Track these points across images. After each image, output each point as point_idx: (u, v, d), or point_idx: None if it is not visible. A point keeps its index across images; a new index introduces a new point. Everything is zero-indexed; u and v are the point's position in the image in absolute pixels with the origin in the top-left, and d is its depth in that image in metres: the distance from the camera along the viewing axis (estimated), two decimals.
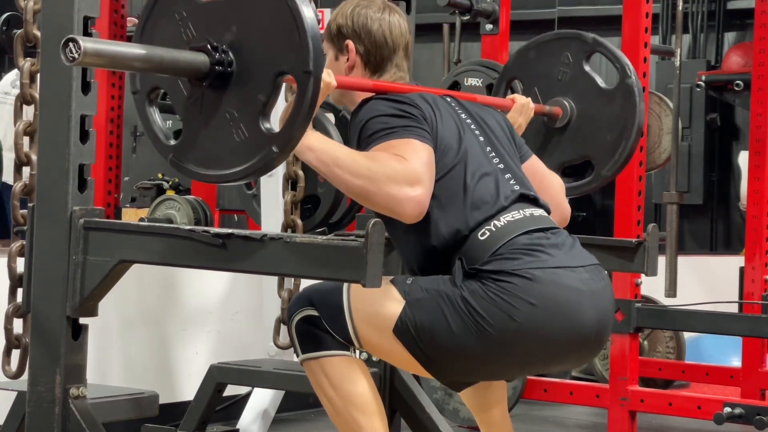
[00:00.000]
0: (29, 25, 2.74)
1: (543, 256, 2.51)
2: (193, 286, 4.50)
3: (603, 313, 2.58)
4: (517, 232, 2.54)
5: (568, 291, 2.50)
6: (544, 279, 2.48)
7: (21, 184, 2.73)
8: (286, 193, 3.73)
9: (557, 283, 2.49)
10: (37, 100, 2.64)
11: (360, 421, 2.55)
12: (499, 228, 2.54)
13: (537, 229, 2.57)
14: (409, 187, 2.44)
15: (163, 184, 7.50)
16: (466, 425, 4.52)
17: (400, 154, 2.47)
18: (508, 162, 2.70)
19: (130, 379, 4.20)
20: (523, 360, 2.54)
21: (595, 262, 2.63)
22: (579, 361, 2.70)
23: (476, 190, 2.59)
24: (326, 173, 2.47)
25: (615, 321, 4.28)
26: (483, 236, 2.53)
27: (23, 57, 2.75)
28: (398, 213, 2.45)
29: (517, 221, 2.57)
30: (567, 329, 2.50)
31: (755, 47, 5.09)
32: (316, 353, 2.57)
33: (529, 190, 2.67)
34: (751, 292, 4.95)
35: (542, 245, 2.54)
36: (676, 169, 5.82)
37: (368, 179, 2.43)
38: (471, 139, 2.67)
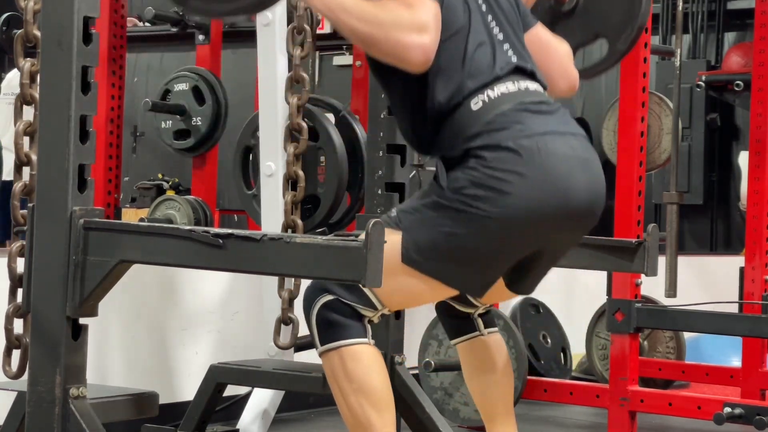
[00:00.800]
0: (29, 25, 2.74)
1: (530, 122, 2.52)
2: (193, 286, 4.50)
3: (594, 180, 2.59)
4: (510, 103, 2.55)
5: (556, 158, 2.51)
6: (532, 148, 2.48)
7: (21, 184, 2.73)
8: (286, 193, 3.73)
9: (546, 150, 2.50)
10: (37, 100, 2.64)
11: (371, 417, 2.55)
12: (492, 99, 2.55)
13: (530, 101, 2.58)
14: (417, 34, 2.43)
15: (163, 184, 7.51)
16: (466, 425, 4.52)
17: (408, 2, 2.46)
18: (509, 33, 2.69)
19: (130, 379, 4.20)
20: (523, 234, 2.53)
21: (582, 132, 2.63)
22: (575, 230, 2.66)
23: (474, 58, 2.59)
24: (333, 19, 2.46)
25: (613, 321, 4.29)
26: (476, 106, 2.55)
27: (23, 57, 2.75)
28: (405, 59, 2.45)
29: (511, 94, 2.58)
30: (560, 195, 2.51)
31: (755, 47, 5.09)
32: (336, 342, 2.56)
33: (527, 63, 2.67)
34: (751, 292, 4.95)
35: (531, 111, 2.55)
36: (676, 169, 5.82)
37: (376, 25, 2.42)
38: (474, 7, 2.66)
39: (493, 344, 2.99)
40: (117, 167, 5.32)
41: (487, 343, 2.99)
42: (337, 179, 3.96)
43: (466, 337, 3.00)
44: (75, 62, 2.42)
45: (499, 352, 2.99)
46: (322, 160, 3.99)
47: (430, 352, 4.62)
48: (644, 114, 4.30)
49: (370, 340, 2.59)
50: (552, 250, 2.69)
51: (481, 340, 2.99)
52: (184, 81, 5.68)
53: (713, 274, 7.06)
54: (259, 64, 3.91)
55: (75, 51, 2.42)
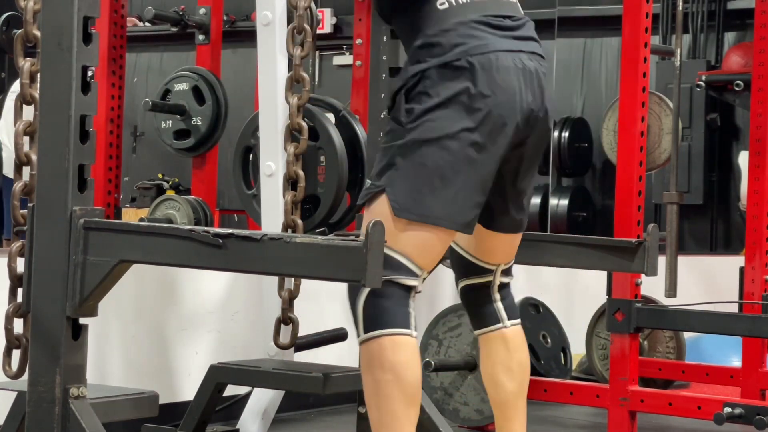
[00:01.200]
0: (29, 25, 2.74)
1: (487, 38, 2.61)
2: (193, 286, 4.50)
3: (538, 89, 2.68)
4: (475, 14, 2.63)
5: (504, 71, 2.61)
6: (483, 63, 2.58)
7: (21, 184, 2.74)
8: (286, 193, 3.73)
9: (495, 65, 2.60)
10: (37, 100, 2.64)
11: (398, 409, 2.56)
12: (459, 4, 2.64)
13: (495, 14, 2.66)
14: None
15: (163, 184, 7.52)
16: (466, 425, 4.52)
17: None
18: None
19: (130, 379, 4.20)
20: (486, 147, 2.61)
21: (538, 51, 2.73)
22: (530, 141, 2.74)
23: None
24: None
25: (613, 321, 4.29)
26: (442, 6, 2.63)
27: (23, 57, 2.75)
28: None
29: (480, 3, 2.66)
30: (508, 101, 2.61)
31: (755, 47, 5.09)
32: (381, 330, 2.57)
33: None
34: (751, 292, 4.95)
35: (491, 26, 2.64)
36: (676, 169, 5.82)
37: None
38: None
39: (513, 339, 3.01)
40: (117, 167, 5.32)
41: (507, 338, 3.00)
42: (337, 179, 3.96)
43: (488, 329, 3.00)
44: (75, 62, 2.42)
45: (519, 348, 3.01)
46: (322, 160, 3.99)
47: (430, 352, 4.62)
48: (644, 114, 4.30)
49: (414, 331, 2.61)
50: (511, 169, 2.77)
51: (502, 333, 3.00)
52: (184, 81, 5.68)
53: (713, 274, 7.05)
54: (259, 64, 3.90)
55: (75, 51, 2.42)
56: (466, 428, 4.53)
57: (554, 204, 10.38)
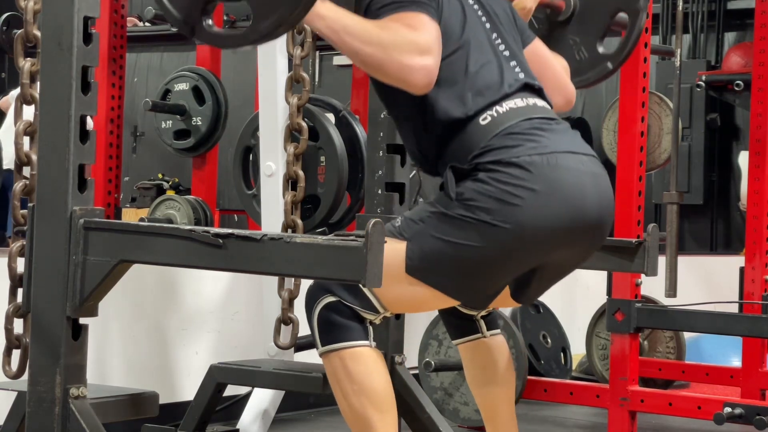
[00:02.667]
0: (29, 26, 2.74)
1: (542, 140, 2.52)
2: (193, 286, 4.50)
3: (604, 194, 2.59)
4: (519, 118, 2.55)
5: (568, 173, 2.51)
6: (543, 164, 2.48)
7: (21, 184, 2.74)
8: (286, 193, 3.72)
9: (557, 165, 2.50)
10: (37, 100, 2.64)
11: (373, 418, 2.54)
12: (501, 114, 2.55)
13: (538, 117, 2.58)
14: (419, 56, 2.43)
15: (163, 184, 7.52)
16: (466, 425, 4.52)
17: (410, 24, 2.46)
18: (514, 50, 2.70)
19: (130, 379, 4.20)
20: (531, 248, 2.52)
21: (593, 153, 2.63)
22: (584, 246, 2.65)
23: (479, 75, 2.59)
24: (336, 42, 2.45)
25: (613, 321, 4.29)
26: (484, 121, 2.55)
27: (23, 57, 2.75)
28: (408, 82, 2.44)
29: (520, 109, 2.58)
30: (570, 209, 2.50)
31: (755, 47, 5.09)
32: (336, 344, 2.56)
33: (534, 80, 2.68)
34: (751, 292, 4.95)
35: (543, 129, 2.55)
36: (676, 169, 5.82)
37: (379, 47, 2.42)
38: (476, 24, 2.67)
39: (495, 347, 2.98)
40: (117, 167, 5.32)
41: (489, 346, 2.98)
42: (337, 179, 3.96)
43: (467, 339, 2.99)
44: (75, 62, 2.42)
45: (501, 354, 2.98)
46: (322, 160, 3.99)
47: (430, 352, 4.62)
48: (644, 114, 4.30)
49: (372, 342, 2.58)
50: (558, 264, 2.69)
51: (483, 342, 2.98)
52: (184, 81, 5.69)
53: (713, 274, 7.06)
54: (259, 64, 3.91)
55: (75, 51, 2.42)
56: (466, 428, 4.53)
57: None
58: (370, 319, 2.59)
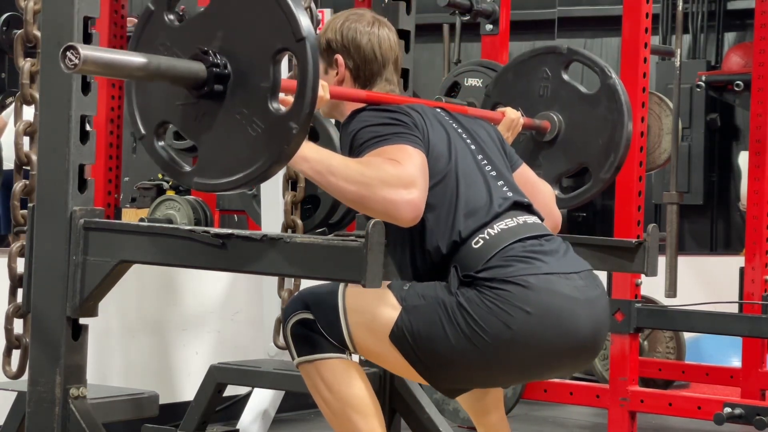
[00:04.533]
0: (29, 26, 2.74)
1: (537, 263, 2.51)
2: (193, 286, 4.50)
3: (598, 321, 2.58)
4: (511, 240, 2.54)
5: (562, 299, 2.50)
6: (539, 286, 2.47)
7: (21, 184, 2.74)
8: (286, 194, 3.72)
9: (552, 290, 2.49)
10: (37, 100, 2.64)
11: (358, 423, 2.55)
12: (493, 236, 2.54)
13: (531, 236, 2.57)
14: (405, 190, 2.43)
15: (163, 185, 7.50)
16: (466, 425, 4.52)
17: (393, 158, 2.46)
18: (501, 170, 2.71)
19: (130, 379, 4.20)
20: (519, 368, 2.54)
21: (588, 268, 2.63)
22: (574, 367, 2.68)
23: (469, 197, 2.59)
24: (321, 182, 2.45)
25: (613, 321, 4.29)
26: (477, 245, 2.53)
27: (23, 57, 2.76)
28: (394, 216, 2.43)
29: (511, 229, 2.57)
30: (562, 337, 2.50)
31: (755, 47, 5.09)
32: (311, 356, 2.56)
33: (523, 197, 2.68)
34: (751, 292, 4.95)
35: (536, 252, 2.54)
36: (676, 169, 5.82)
37: (363, 185, 2.41)
38: (462, 147, 2.67)
39: None
40: (117, 167, 5.32)
41: None
42: None
43: None
44: None
45: None
46: None
47: None
48: (644, 114, 4.30)
49: (347, 356, 2.58)
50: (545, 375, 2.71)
51: None
52: None
53: (713, 274, 7.06)
54: None
55: None
56: (466, 428, 4.53)
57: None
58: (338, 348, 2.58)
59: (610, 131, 3.36)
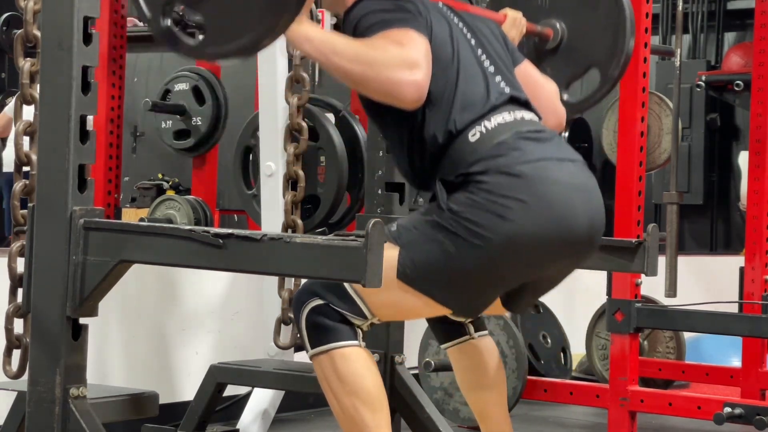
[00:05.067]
0: (29, 26, 2.74)
1: (529, 148, 2.53)
2: (193, 286, 4.50)
3: (594, 206, 2.59)
4: (507, 133, 2.56)
5: (556, 185, 2.51)
6: (532, 174, 2.49)
7: (21, 184, 2.74)
8: (286, 193, 3.73)
9: (545, 177, 2.50)
10: (37, 100, 2.64)
11: (365, 417, 2.54)
12: (490, 130, 2.56)
13: (527, 130, 2.59)
14: (409, 71, 2.43)
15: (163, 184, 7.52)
16: (466, 425, 4.52)
17: (398, 40, 2.46)
18: (500, 66, 2.71)
19: (130, 379, 4.20)
20: (523, 261, 2.53)
21: (581, 159, 2.64)
22: (574, 258, 2.65)
23: (467, 90, 2.59)
24: (324, 62, 2.45)
25: (613, 321, 4.28)
26: (473, 137, 2.55)
27: (23, 57, 2.76)
28: (397, 97, 2.44)
29: (508, 123, 2.58)
30: (559, 222, 2.51)
31: (755, 47, 5.09)
32: (326, 346, 2.55)
33: (520, 93, 2.68)
34: (751, 292, 4.95)
35: (529, 139, 2.56)
36: (676, 169, 5.82)
37: (367, 65, 2.42)
38: (462, 42, 2.68)
39: (484, 348, 2.98)
40: (117, 167, 5.32)
41: (477, 347, 2.98)
42: (337, 179, 3.96)
43: (455, 342, 2.99)
44: (75, 62, 2.42)
45: (490, 355, 2.97)
46: (322, 160, 3.99)
47: (430, 352, 4.62)
48: (644, 114, 4.30)
49: (361, 342, 2.58)
50: (549, 276, 2.70)
51: (471, 344, 2.98)
52: (184, 81, 5.69)
53: (713, 274, 7.05)
54: (259, 64, 3.91)
55: (75, 51, 2.42)
56: (466, 428, 4.53)
57: None
58: (358, 324, 2.58)
59: (614, 29, 3.33)
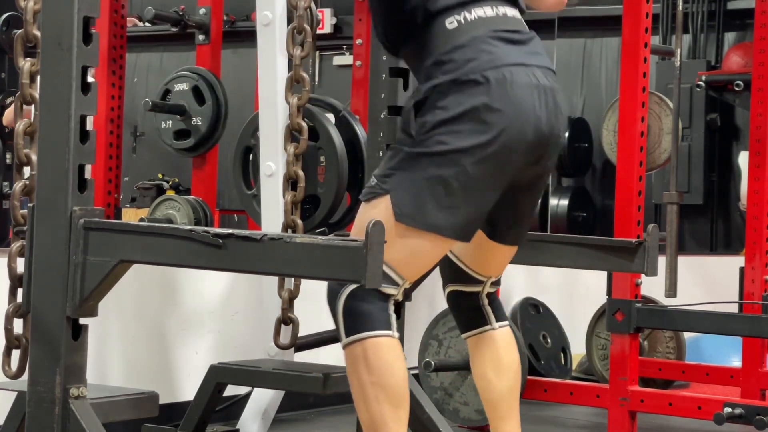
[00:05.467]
0: (29, 26, 2.74)
1: (497, 51, 2.58)
2: (193, 286, 4.50)
3: (554, 107, 2.66)
4: (485, 29, 2.60)
5: (520, 88, 2.58)
6: (499, 80, 2.56)
7: (21, 184, 2.74)
8: (286, 193, 3.72)
9: (512, 81, 2.57)
10: (37, 100, 2.64)
11: (386, 412, 2.56)
12: (468, 22, 2.60)
13: (505, 30, 2.63)
14: None
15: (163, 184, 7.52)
16: (466, 425, 4.52)
17: None
18: None
19: (130, 379, 4.20)
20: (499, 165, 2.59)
21: (549, 65, 2.70)
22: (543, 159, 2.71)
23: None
24: None
25: (613, 321, 4.28)
26: (451, 25, 2.60)
27: (23, 57, 2.75)
28: None
29: (488, 18, 2.63)
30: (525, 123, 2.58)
31: (755, 47, 5.09)
32: (361, 334, 2.57)
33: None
34: (751, 292, 4.95)
35: (502, 40, 2.61)
36: (676, 169, 5.82)
37: None
38: None
39: (502, 339, 2.99)
40: (117, 167, 5.32)
41: (496, 338, 2.99)
42: (337, 179, 3.96)
43: (476, 331, 3.00)
44: (75, 62, 2.42)
45: (508, 348, 2.99)
46: (322, 160, 3.99)
47: (430, 352, 4.62)
48: (644, 114, 4.30)
49: (395, 333, 2.60)
50: (523, 184, 2.75)
51: (491, 334, 2.99)
52: (184, 81, 5.68)
53: (713, 274, 7.05)
54: (259, 64, 3.90)
55: (75, 51, 2.42)
56: (466, 428, 4.53)
57: (554, 204, 10.38)
58: (394, 294, 2.60)
59: None
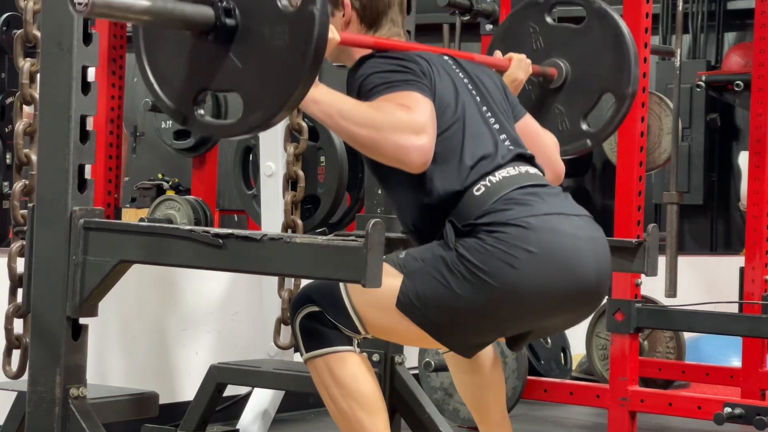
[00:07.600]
0: (29, 26, 2.74)
1: (536, 204, 2.53)
2: (193, 286, 4.50)
3: (601, 259, 2.59)
4: (512, 186, 2.56)
5: (565, 237, 2.52)
6: (540, 226, 2.49)
7: (21, 184, 2.73)
8: (286, 193, 3.72)
9: (553, 229, 2.50)
10: (37, 100, 2.64)
11: (363, 421, 2.54)
12: (495, 183, 2.56)
13: (531, 184, 2.59)
14: (415, 136, 2.44)
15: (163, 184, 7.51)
16: (466, 425, 4.52)
17: (403, 104, 2.47)
18: (504, 123, 2.72)
19: (130, 379, 4.20)
20: (527, 311, 2.52)
21: (587, 214, 2.65)
22: (581, 310, 2.65)
23: (474, 149, 2.60)
24: (331, 125, 2.47)
25: (613, 321, 4.28)
26: (478, 191, 2.56)
27: (23, 57, 2.75)
28: (404, 162, 2.45)
29: (512, 177, 2.59)
30: (567, 273, 2.50)
31: (755, 47, 5.09)
32: (320, 350, 2.56)
33: (525, 150, 2.69)
34: (751, 292, 4.95)
35: (535, 194, 2.56)
36: (676, 169, 5.82)
37: (374, 129, 2.42)
38: (467, 98, 2.68)
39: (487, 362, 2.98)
40: (117, 167, 5.32)
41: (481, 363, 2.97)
42: (337, 179, 3.96)
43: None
44: (75, 62, 2.42)
45: (486, 356, 2.96)
46: (322, 160, 3.99)
47: (430, 352, 4.62)
48: (644, 114, 4.30)
49: (356, 348, 2.58)
50: (552, 326, 2.70)
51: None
52: None
53: (713, 274, 7.05)
54: None
55: (75, 51, 2.42)
56: (466, 428, 4.52)
57: None
58: (351, 336, 2.58)
59: (612, 47, 3.34)
